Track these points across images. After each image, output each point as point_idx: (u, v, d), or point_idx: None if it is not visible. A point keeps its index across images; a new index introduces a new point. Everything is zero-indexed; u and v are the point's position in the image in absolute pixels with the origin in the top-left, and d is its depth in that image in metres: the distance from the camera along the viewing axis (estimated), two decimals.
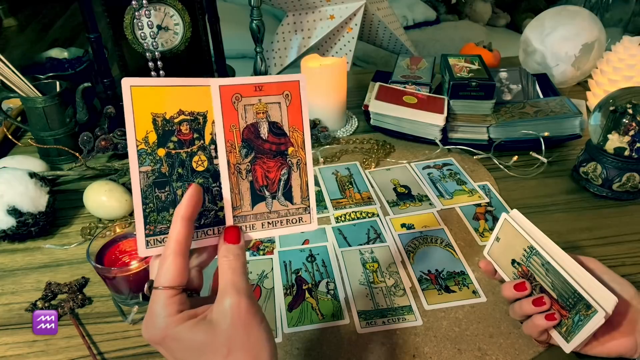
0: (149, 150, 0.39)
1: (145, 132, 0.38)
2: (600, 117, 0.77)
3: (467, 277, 0.64)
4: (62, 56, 1.08)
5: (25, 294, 0.63)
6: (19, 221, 0.67)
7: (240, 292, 0.36)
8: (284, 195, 0.42)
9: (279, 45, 1.29)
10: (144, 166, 0.39)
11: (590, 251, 0.68)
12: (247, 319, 0.36)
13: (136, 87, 0.38)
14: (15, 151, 0.93)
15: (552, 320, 0.49)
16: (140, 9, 0.79)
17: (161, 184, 0.39)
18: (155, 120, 0.38)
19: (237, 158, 0.40)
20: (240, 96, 0.40)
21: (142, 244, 0.39)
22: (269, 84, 0.40)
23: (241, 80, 0.40)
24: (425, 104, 0.92)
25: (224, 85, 0.39)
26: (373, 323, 0.58)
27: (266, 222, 0.42)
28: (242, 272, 0.37)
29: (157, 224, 0.39)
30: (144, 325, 0.37)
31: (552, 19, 1.09)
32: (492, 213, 0.75)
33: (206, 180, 0.41)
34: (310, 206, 0.43)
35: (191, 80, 0.39)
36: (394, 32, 1.34)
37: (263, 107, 0.41)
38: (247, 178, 0.41)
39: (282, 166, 0.42)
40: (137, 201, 0.39)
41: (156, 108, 0.38)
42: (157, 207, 0.39)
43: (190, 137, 0.40)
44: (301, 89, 0.41)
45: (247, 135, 0.40)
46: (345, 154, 0.92)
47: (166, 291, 0.36)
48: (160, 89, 0.38)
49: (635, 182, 0.75)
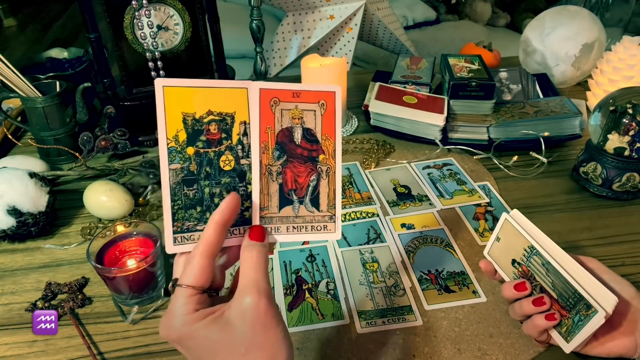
0: (178, 149, 0.40)
1: (175, 130, 0.39)
2: (600, 117, 0.77)
3: (467, 277, 0.64)
4: (62, 56, 1.08)
5: (25, 294, 0.63)
6: (19, 221, 0.67)
7: (261, 291, 0.36)
8: (311, 201, 0.43)
9: (279, 45, 1.29)
10: (174, 164, 0.40)
11: (590, 251, 0.68)
12: (265, 320, 0.36)
13: (168, 87, 0.39)
14: (15, 151, 0.93)
15: (552, 320, 0.49)
16: (140, 9, 0.79)
17: (189, 181, 0.40)
18: (185, 120, 0.39)
19: (269, 159, 0.41)
20: (278, 100, 0.41)
21: (169, 241, 0.40)
22: (306, 92, 0.42)
23: (280, 85, 0.41)
24: (425, 104, 0.92)
25: (264, 89, 0.40)
26: (373, 323, 0.58)
27: (291, 226, 0.43)
28: (263, 271, 0.38)
29: (185, 221, 0.40)
30: (161, 323, 0.37)
31: (552, 19, 1.09)
32: (492, 213, 0.75)
33: (233, 180, 0.41)
34: (336, 215, 0.44)
35: (224, 82, 0.40)
36: (394, 32, 1.34)
37: (299, 113, 0.42)
38: (277, 180, 0.42)
39: (312, 172, 0.43)
40: (166, 198, 0.40)
41: (186, 108, 0.39)
42: (185, 204, 0.40)
43: (218, 137, 0.41)
44: (336, 100, 0.42)
45: (282, 138, 0.42)
46: (345, 154, 0.92)
47: (188, 289, 0.36)
48: (191, 90, 0.39)
49: (635, 182, 0.75)
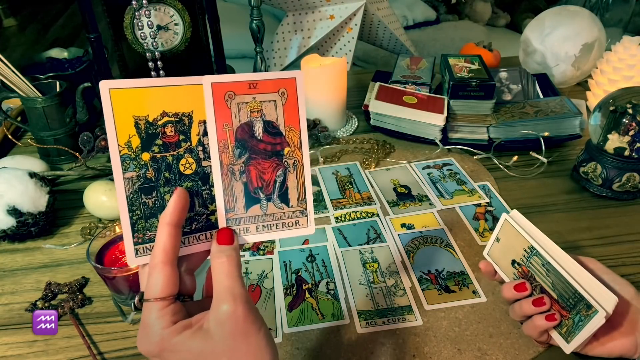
0: (132, 155, 0.37)
1: (127, 136, 0.37)
2: (600, 117, 0.77)
3: (467, 277, 0.64)
4: (62, 56, 1.08)
5: (25, 294, 0.63)
6: (19, 221, 0.67)
7: (237, 298, 0.34)
8: (280, 197, 0.40)
9: (279, 45, 1.29)
10: (129, 172, 0.37)
11: (590, 251, 0.68)
12: (245, 326, 0.34)
13: (115, 89, 0.36)
14: (15, 151, 0.93)
15: (552, 320, 0.49)
16: (140, 9, 0.79)
17: (148, 189, 0.38)
18: (137, 124, 0.37)
19: (230, 158, 0.39)
20: (234, 94, 0.38)
21: (130, 253, 0.38)
22: (263, 81, 0.38)
23: (234, 77, 0.38)
24: (425, 104, 0.92)
25: (216, 83, 0.37)
26: (373, 323, 0.58)
27: (261, 225, 0.40)
28: (236, 275, 0.36)
29: (146, 232, 0.38)
30: (138, 338, 0.35)
31: (552, 19, 1.09)
32: (492, 213, 0.75)
33: (195, 184, 0.39)
34: (308, 209, 0.41)
35: (177, 80, 0.37)
36: (394, 32, 1.34)
37: (257, 106, 0.39)
38: (241, 179, 0.39)
39: (278, 167, 0.40)
40: (123, 209, 0.37)
41: (138, 110, 0.36)
42: (145, 214, 0.38)
43: (175, 139, 0.38)
44: (298, 87, 0.39)
45: (241, 134, 0.39)
46: (345, 154, 0.92)
47: (158, 303, 0.35)
48: (141, 91, 0.36)
49: (635, 182, 0.75)
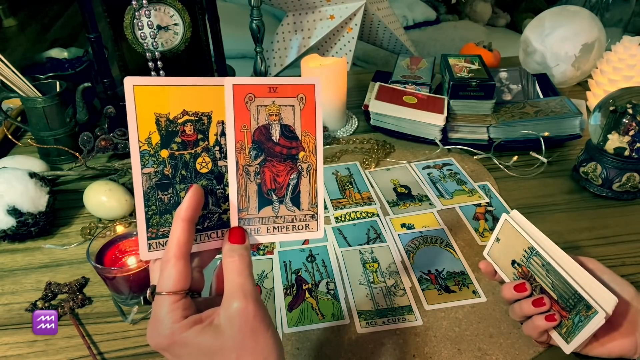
0: (151, 152, 0.38)
1: (148, 132, 0.37)
2: (600, 117, 0.77)
3: (467, 277, 0.64)
4: (62, 56, 1.08)
5: (25, 294, 0.63)
6: (19, 221, 0.67)
7: (248, 296, 0.35)
8: (292, 200, 0.41)
9: (279, 45, 1.29)
10: (147, 168, 0.38)
11: (590, 251, 0.68)
12: (254, 324, 0.35)
13: (139, 86, 0.36)
14: (15, 151, 0.93)
15: (552, 321, 0.49)
16: (140, 9, 0.79)
17: (164, 186, 0.38)
18: (158, 121, 0.37)
19: (246, 159, 0.39)
20: (254, 96, 0.39)
21: (144, 247, 0.38)
22: (283, 86, 0.39)
23: (255, 80, 0.39)
24: (425, 104, 0.92)
25: (237, 84, 0.38)
26: (373, 323, 0.58)
27: (272, 226, 0.41)
28: (248, 274, 0.37)
29: (160, 227, 0.39)
30: (148, 331, 0.36)
31: (552, 19, 1.09)
32: (492, 213, 0.75)
33: (210, 182, 0.40)
34: (318, 213, 0.42)
35: (199, 80, 0.38)
36: (394, 32, 1.34)
37: (276, 109, 0.39)
38: (255, 180, 0.40)
39: (292, 170, 0.41)
40: (139, 203, 0.38)
41: (159, 108, 0.37)
42: (160, 209, 0.38)
43: (194, 138, 0.39)
44: (316, 93, 0.40)
45: (258, 136, 0.39)
46: (345, 154, 0.92)
47: (170, 297, 0.35)
48: (164, 89, 0.37)
49: (635, 182, 0.75)
